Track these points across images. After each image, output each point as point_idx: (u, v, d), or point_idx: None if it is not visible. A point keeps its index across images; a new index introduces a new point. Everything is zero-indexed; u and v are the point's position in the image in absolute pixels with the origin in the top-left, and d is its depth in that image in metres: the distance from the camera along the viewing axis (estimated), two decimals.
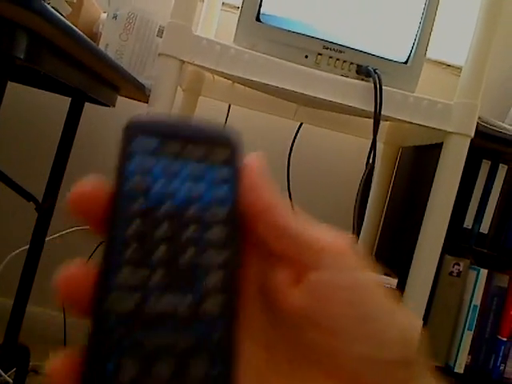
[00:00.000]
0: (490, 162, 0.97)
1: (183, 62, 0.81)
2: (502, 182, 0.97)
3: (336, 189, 1.34)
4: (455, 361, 0.94)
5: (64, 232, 1.09)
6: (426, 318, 0.85)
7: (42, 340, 1.19)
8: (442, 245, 0.85)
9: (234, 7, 1.23)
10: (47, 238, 1.02)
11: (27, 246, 0.97)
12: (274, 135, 1.32)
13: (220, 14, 1.16)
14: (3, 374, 0.87)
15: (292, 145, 1.24)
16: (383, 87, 0.82)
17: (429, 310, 0.91)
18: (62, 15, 0.65)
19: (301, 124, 1.22)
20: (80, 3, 0.90)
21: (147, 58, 1.01)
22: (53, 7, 0.63)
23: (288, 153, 1.24)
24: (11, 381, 0.89)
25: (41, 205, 0.93)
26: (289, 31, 0.85)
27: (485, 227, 0.97)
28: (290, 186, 1.25)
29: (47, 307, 1.25)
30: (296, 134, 1.22)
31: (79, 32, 0.62)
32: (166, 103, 0.83)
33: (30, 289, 0.98)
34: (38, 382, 1.02)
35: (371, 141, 0.83)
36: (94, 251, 0.94)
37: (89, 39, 0.66)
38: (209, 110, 1.28)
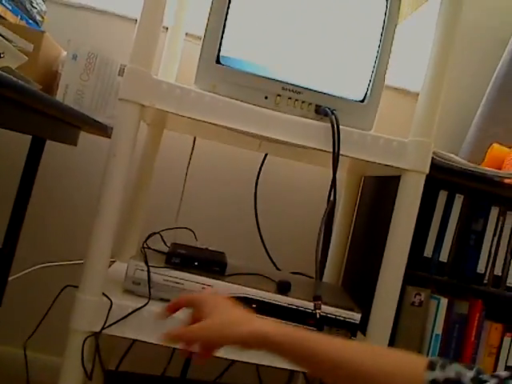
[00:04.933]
0: (446, 193, 1.01)
1: (143, 106, 0.82)
2: (458, 211, 1.01)
3: (302, 216, 1.36)
4: None
5: (26, 271, 1.07)
6: None
7: (4, 380, 1.16)
8: (403, 275, 0.87)
9: (198, 38, 1.24)
10: (10, 278, 1.00)
11: None
12: (239, 166, 1.33)
13: (183, 48, 1.16)
14: None
15: (258, 175, 1.25)
16: (341, 127, 0.84)
17: (393, 340, 0.93)
18: (15, 70, 0.64)
19: (266, 155, 1.23)
20: (38, 46, 0.89)
21: (109, 97, 1.00)
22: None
23: (254, 183, 1.26)
24: None
25: (1, 250, 0.91)
26: (248, 73, 0.86)
27: (444, 255, 1.00)
28: (258, 215, 1.27)
29: (9, 345, 1.22)
30: (261, 165, 1.24)
31: (34, 90, 0.61)
32: (127, 145, 0.82)
33: None
34: None
35: (331, 179, 0.85)
36: (60, 293, 0.92)
37: (45, 94, 0.65)
38: (174, 143, 1.28)
